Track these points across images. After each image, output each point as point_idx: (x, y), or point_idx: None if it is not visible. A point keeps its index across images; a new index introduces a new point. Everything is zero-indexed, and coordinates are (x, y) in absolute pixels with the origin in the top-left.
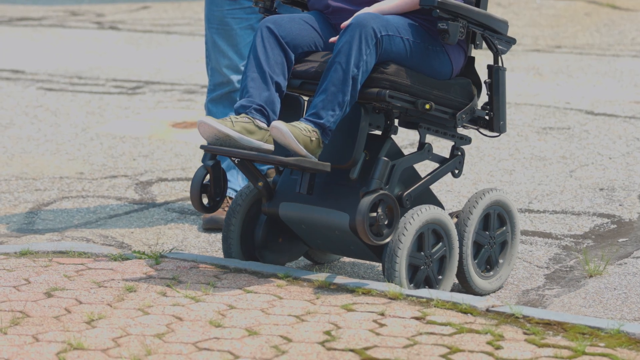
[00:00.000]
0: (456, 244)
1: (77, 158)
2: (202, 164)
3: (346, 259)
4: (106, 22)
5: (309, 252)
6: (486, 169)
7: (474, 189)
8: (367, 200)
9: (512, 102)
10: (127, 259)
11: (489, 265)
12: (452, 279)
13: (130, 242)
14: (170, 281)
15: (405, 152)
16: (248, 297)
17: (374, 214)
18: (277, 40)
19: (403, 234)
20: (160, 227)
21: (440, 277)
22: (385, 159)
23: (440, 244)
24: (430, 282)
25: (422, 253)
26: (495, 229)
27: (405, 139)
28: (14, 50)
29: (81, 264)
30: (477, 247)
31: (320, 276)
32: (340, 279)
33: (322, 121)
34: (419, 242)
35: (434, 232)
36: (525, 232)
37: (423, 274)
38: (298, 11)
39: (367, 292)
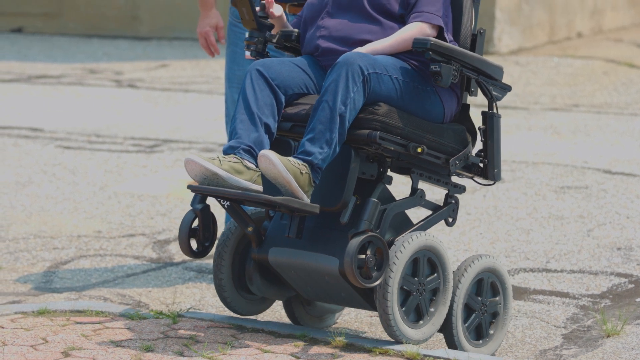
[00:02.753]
0: (450, 277)
1: (95, 216)
2: (190, 207)
3: (350, 319)
4: (125, 80)
5: (293, 309)
6: (504, 228)
7: (492, 248)
8: (355, 242)
9: (530, 160)
10: (145, 318)
11: (478, 332)
12: (443, 313)
13: (148, 301)
14: (188, 341)
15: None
16: (265, 357)
17: (363, 256)
18: (267, 81)
19: (399, 253)
20: (178, 286)
21: (432, 309)
22: (375, 200)
23: (435, 275)
24: (421, 312)
25: (416, 279)
26: (486, 295)
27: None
28: (32, 108)
29: (99, 323)
30: (468, 311)
31: (338, 336)
32: (357, 339)
33: (310, 158)
34: (414, 267)
35: (429, 262)
36: (542, 292)
37: (415, 301)
38: (290, 56)
39: (385, 352)
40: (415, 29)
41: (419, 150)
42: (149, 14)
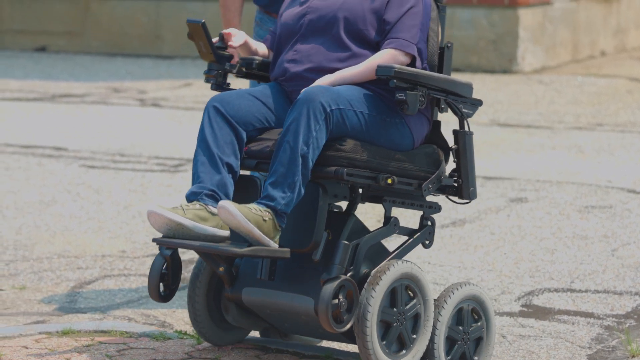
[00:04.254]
0: (431, 301)
1: (119, 236)
2: (159, 252)
3: None
4: (148, 99)
5: (271, 338)
6: (528, 248)
7: (516, 268)
8: (328, 289)
9: (554, 180)
10: (169, 338)
11: None
12: (426, 339)
13: (172, 321)
14: None
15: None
16: None
17: (336, 301)
18: (225, 119)
19: (376, 286)
20: None
21: (414, 336)
22: (346, 242)
23: (415, 300)
24: (404, 341)
25: (395, 309)
26: (467, 324)
27: None
28: (56, 127)
29: (123, 344)
30: (451, 342)
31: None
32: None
33: (273, 204)
34: (392, 297)
35: (407, 289)
36: (567, 312)
37: (396, 331)
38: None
39: None
40: (386, 56)
41: (389, 181)
42: (172, 32)
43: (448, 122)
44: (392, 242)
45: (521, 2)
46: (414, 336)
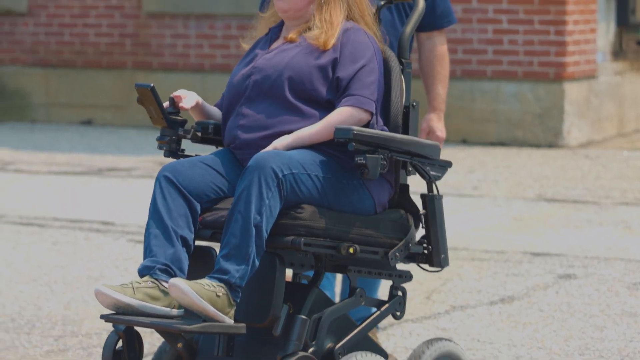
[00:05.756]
0: None
1: None
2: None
3: None
4: None
5: None
6: (577, 325)
7: (566, 345)
8: None
9: (602, 256)
10: None
11: None
12: None
13: None
14: None
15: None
16: None
17: None
18: (178, 189)
19: None
20: None
21: None
22: (304, 317)
23: None
24: None
25: None
26: None
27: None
28: (103, 201)
29: None
30: None
31: None
32: None
33: (226, 277)
34: None
35: None
36: None
37: None
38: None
39: None
40: (344, 115)
41: (351, 250)
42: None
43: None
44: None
45: (566, 76)
46: None
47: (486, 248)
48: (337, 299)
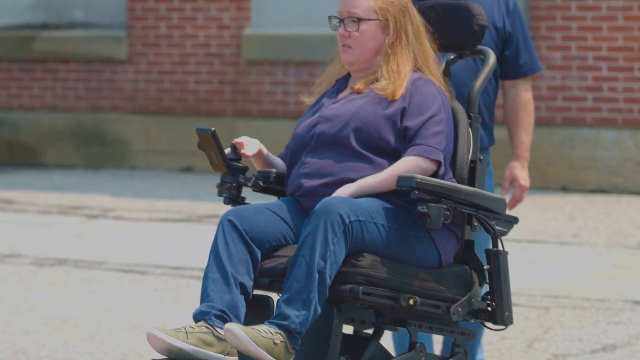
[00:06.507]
0: None
1: None
2: None
3: None
4: None
5: None
6: None
7: None
8: None
9: None
10: None
11: None
12: None
13: None
14: None
15: None
16: None
17: None
18: (241, 235)
19: None
20: None
21: None
22: None
23: None
24: None
25: None
26: None
27: None
28: (204, 248)
29: None
30: None
31: None
32: None
33: (286, 323)
34: None
35: None
36: None
37: None
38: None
39: None
40: (410, 164)
41: (411, 302)
42: None
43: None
44: None
45: None
46: None
47: (587, 296)
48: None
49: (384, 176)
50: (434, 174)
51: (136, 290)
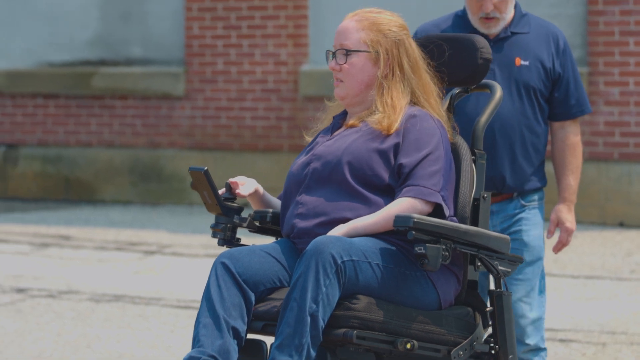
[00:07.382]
0: None
1: None
2: None
3: None
4: None
5: None
6: None
7: None
8: None
9: None
10: None
11: None
12: None
13: None
14: None
15: None
16: None
17: None
18: (234, 278)
19: None
20: None
21: None
22: None
23: None
24: None
25: None
26: None
27: None
28: None
29: None
30: None
31: None
32: None
33: None
34: None
35: None
36: None
37: None
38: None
39: None
40: (405, 205)
41: (409, 346)
42: None
43: None
44: None
45: None
46: None
47: None
48: None
49: (377, 218)
50: (438, 216)
51: (193, 326)
